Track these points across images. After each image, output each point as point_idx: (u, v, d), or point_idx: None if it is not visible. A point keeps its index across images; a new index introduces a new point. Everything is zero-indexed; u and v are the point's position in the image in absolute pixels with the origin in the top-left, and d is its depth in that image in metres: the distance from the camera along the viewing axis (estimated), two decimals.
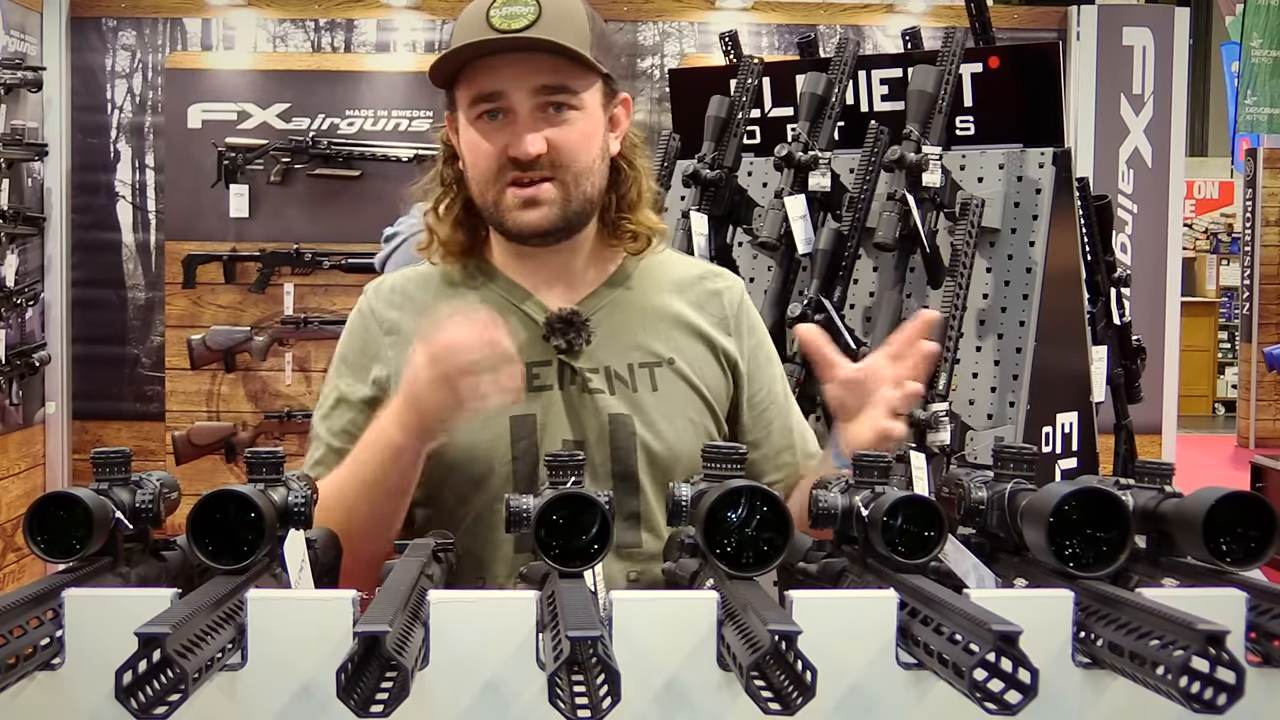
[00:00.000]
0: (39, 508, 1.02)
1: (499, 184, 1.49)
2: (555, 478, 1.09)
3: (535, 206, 1.49)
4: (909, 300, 2.78)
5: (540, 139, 1.46)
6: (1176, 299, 5.01)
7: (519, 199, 1.49)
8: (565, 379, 1.53)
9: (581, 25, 1.47)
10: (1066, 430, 2.83)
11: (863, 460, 1.14)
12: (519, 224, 1.50)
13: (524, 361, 1.50)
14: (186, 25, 4.86)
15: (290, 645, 0.95)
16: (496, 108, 1.47)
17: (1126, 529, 1.02)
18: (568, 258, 1.57)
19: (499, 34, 1.43)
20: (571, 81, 1.48)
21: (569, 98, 1.48)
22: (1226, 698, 0.81)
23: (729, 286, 1.65)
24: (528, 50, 1.44)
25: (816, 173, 2.84)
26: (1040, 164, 2.77)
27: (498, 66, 1.46)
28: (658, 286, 1.61)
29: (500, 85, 1.46)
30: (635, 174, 1.59)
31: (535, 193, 1.48)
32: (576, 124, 1.49)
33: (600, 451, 1.52)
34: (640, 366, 1.55)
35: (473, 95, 1.48)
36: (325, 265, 4.55)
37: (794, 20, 4.95)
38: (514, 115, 1.47)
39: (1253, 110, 9.29)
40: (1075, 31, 4.92)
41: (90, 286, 4.85)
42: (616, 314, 1.57)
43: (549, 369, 1.53)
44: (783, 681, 0.84)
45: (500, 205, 1.50)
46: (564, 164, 1.48)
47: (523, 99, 1.46)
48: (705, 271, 1.68)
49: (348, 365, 1.59)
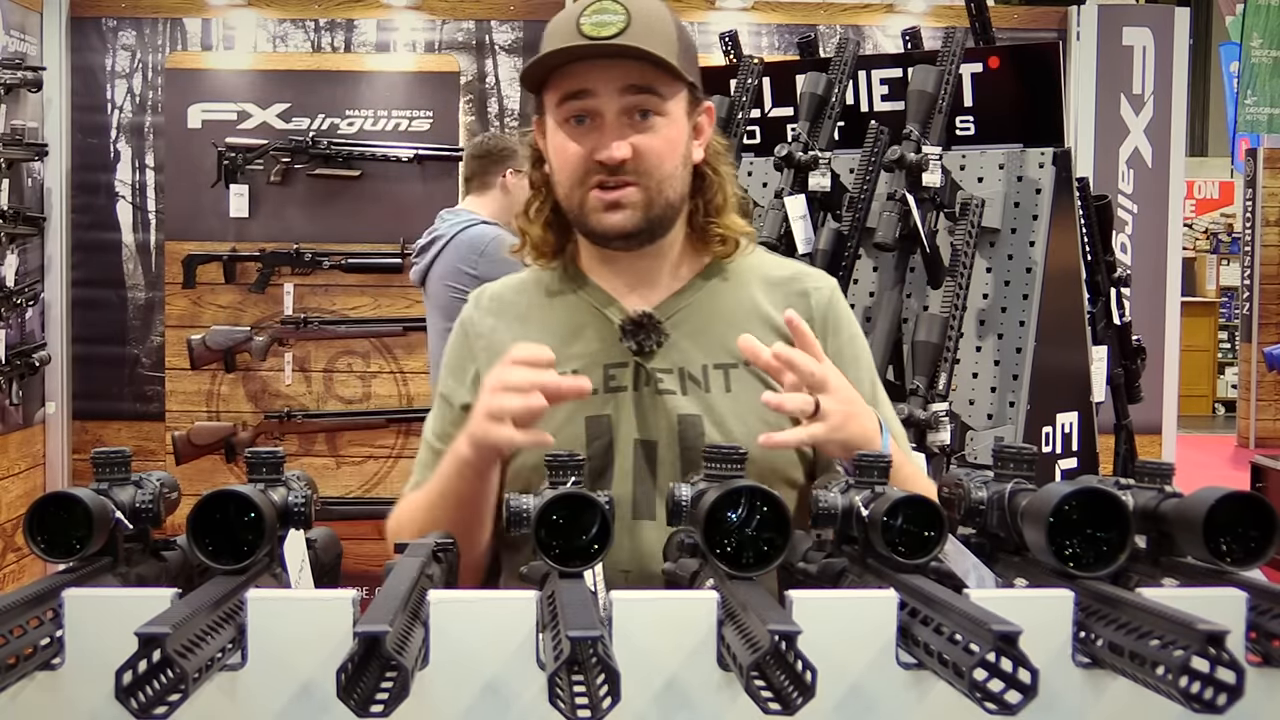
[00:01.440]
0: (39, 508, 1.02)
1: (584, 187, 1.52)
2: (555, 478, 1.09)
3: (618, 209, 1.52)
4: (909, 300, 2.78)
5: (625, 145, 1.49)
6: (1176, 299, 5.02)
7: (603, 202, 1.52)
8: (639, 380, 1.56)
9: (669, 34, 1.50)
10: (1066, 430, 2.83)
11: (863, 460, 1.14)
12: (603, 226, 1.53)
13: (602, 364, 1.56)
14: (186, 25, 4.87)
15: (290, 645, 0.95)
16: (584, 111, 1.50)
17: (1126, 529, 1.02)
18: (652, 262, 1.59)
19: (589, 40, 1.46)
20: (658, 87, 1.50)
21: (655, 103, 1.50)
22: (1226, 698, 0.81)
23: (818, 288, 1.66)
24: (616, 57, 1.47)
25: (816, 173, 2.84)
26: (1040, 164, 2.77)
27: (586, 71, 1.49)
28: (745, 288, 1.63)
29: (587, 87, 1.49)
30: (720, 179, 1.62)
31: (619, 196, 1.51)
32: (661, 131, 1.51)
33: (670, 451, 1.53)
34: (715, 368, 1.56)
35: (560, 98, 1.51)
36: (325, 265, 4.55)
37: (794, 20, 4.95)
38: (600, 119, 1.50)
39: (1253, 110, 9.29)
40: (1075, 31, 4.92)
41: (90, 286, 4.86)
42: (696, 316, 1.59)
43: (625, 370, 1.56)
44: (783, 681, 0.84)
45: (585, 207, 1.53)
46: (647, 170, 1.51)
47: (609, 103, 1.49)
48: (796, 272, 1.69)
49: (449, 370, 1.65)
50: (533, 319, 1.62)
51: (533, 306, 1.63)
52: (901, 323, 2.71)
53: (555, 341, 1.55)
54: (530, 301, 1.64)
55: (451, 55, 4.79)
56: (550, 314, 1.61)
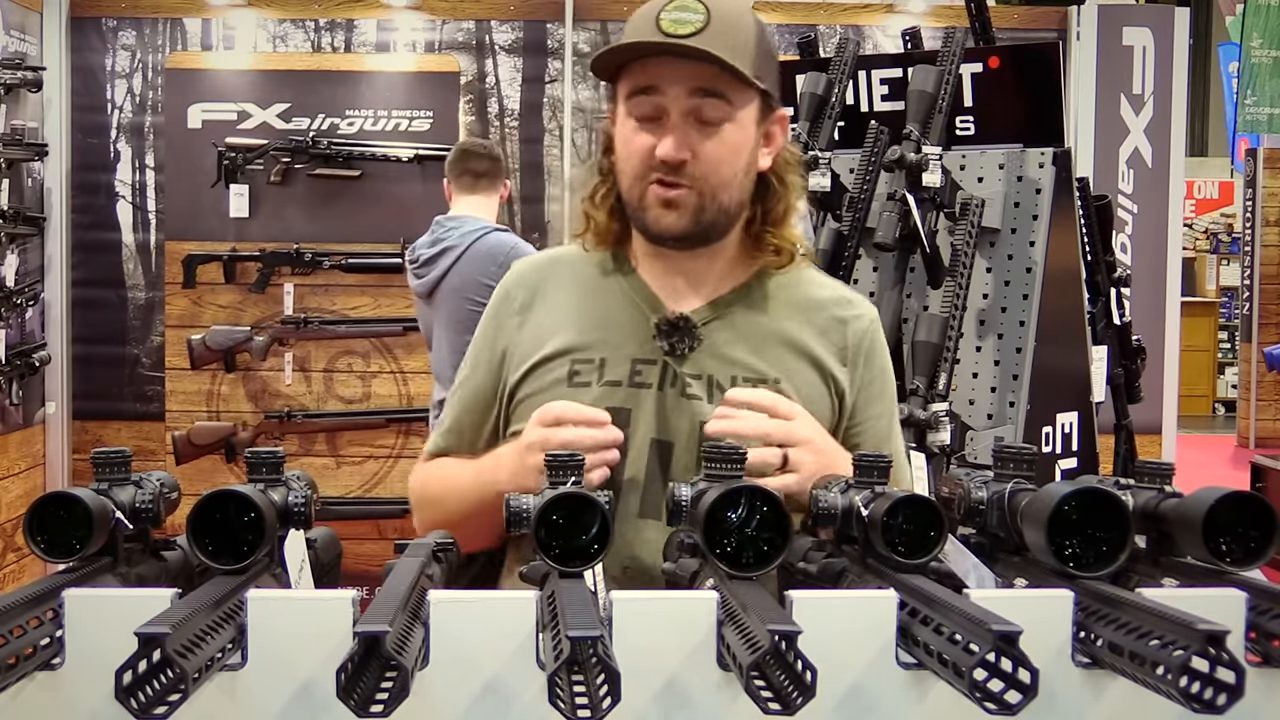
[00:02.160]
0: (39, 508, 1.02)
1: (644, 181, 1.52)
2: (555, 478, 1.09)
3: (672, 209, 1.52)
4: (909, 300, 2.78)
5: (686, 147, 1.49)
6: (1176, 299, 5.02)
7: (660, 198, 1.52)
8: (666, 380, 1.55)
9: (747, 38, 1.49)
10: (1066, 430, 2.83)
11: (863, 460, 1.14)
12: (656, 223, 1.53)
13: (631, 357, 1.56)
14: (186, 25, 4.87)
15: (290, 645, 0.95)
16: (651, 106, 1.50)
17: (1126, 529, 1.02)
18: (704, 263, 1.59)
19: (665, 37, 1.45)
20: (727, 91, 1.49)
21: (722, 107, 1.49)
22: (1226, 698, 0.81)
23: (858, 316, 1.65)
24: (687, 57, 1.46)
25: (816, 173, 2.84)
26: (1040, 164, 2.77)
27: (657, 68, 1.49)
28: (786, 306, 1.62)
29: (657, 83, 1.49)
30: (784, 190, 1.61)
31: (675, 196, 1.51)
32: (726, 136, 1.50)
33: (688, 455, 1.53)
34: (744, 381, 1.55)
35: (630, 90, 1.51)
36: (325, 265, 4.55)
37: (794, 20, 4.95)
38: (667, 116, 1.49)
39: (1253, 110, 9.29)
40: (1075, 31, 4.92)
41: (90, 286, 4.86)
42: (734, 326, 1.58)
43: (653, 368, 1.56)
44: (783, 681, 0.84)
45: (643, 201, 1.53)
46: (704, 174, 1.50)
47: (677, 100, 1.48)
48: (839, 298, 1.67)
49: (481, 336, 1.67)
50: (570, 300, 1.62)
51: (572, 283, 1.63)
52: (901, 323, 2.71)
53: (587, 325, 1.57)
54: (571, 280, 1.64)
55: (451, 55, 4.79)
56: (588, 298, 1.61)
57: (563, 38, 4.88)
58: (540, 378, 1.57)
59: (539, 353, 1.58)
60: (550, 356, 1.57)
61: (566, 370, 1.55)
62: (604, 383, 1.54)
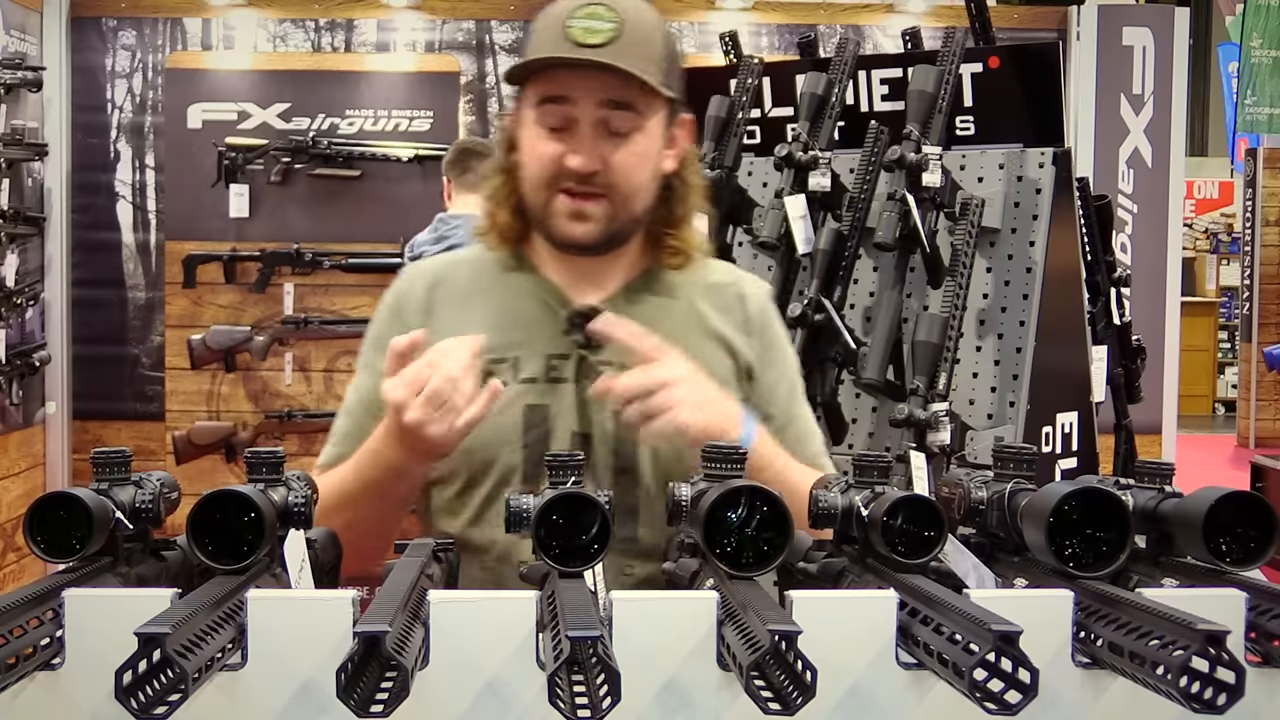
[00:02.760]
0: (39, 508, 1.02)
1: (551, 189, 1.52)
2: (555, 477, 1.09)
3: (582, 220, 1.52)
4: (909, 300, 2.78)
5: (597, 157, 1.49)
6: (1176, 299, 5.02)
7: (569, 209, 1.52)
8: (582, 373, 1.56)
9: (657, 47, 1.50)
10: (1066, 430, 2.83)
11: (863, 460, 1.14)
12: (563, 233, 1.53)
13: (544, 354, 1.55)
14: (186, 25, 4.86)
15: (290, 645, 0.95)
16: (560, 115, 1.50)
17: (1126, 529, 1.02)
18: (606, 261, 1.60)
19: (576, 46, 1.45)
20: (637, 102, 1.50)
21: (632, 119, 1.50)
22: (1226, 698, 0.81)
23: (754, 293, 1.68)
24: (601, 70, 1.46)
25: (816, 173, 2.84)
26: (1040, 164, 2.77)
27: (568, 78, 1.49)
28: (689, 290, 1.64)
29: (567, 93, 1.49)
30: (685, 191, 1.62)
31: (584, 207, 1.51)
32: (635, 144, 1.51)
33: (604, 445, 1.54)
34: None
35: (539, 97, 1.51)
36: (325, 265, 4.55)
37: (794, 20, 4.95)
38: (576, 125, 1.49)
39: (1252, 110, 9.29)
40: (1075, 31, 4.92)
41: (90, 286, 4.85)
42: (640, 315, 1.59)
43: (567, 362, 1.56)
44: (783, 681, 0.84)
45: (549, 210, 1.53)
46: (615, 183, 1.51)
47: (587, 111, 1.48)
48: (735, 278, 1.70)
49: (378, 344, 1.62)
50: (475, 301, 1.60)
51: (475, 288, 1.61)
52: (901, 323, 2.71)
53: (497, 326, 1.55)
54: (473, 282, 1.62)
55: (451, 55, 4.79)
56: (494, 298, 1.60)
57: None
58: None
59: None
60: None
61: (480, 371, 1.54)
62: (520, 380, 1.54)
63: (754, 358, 1.63)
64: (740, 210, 3.01)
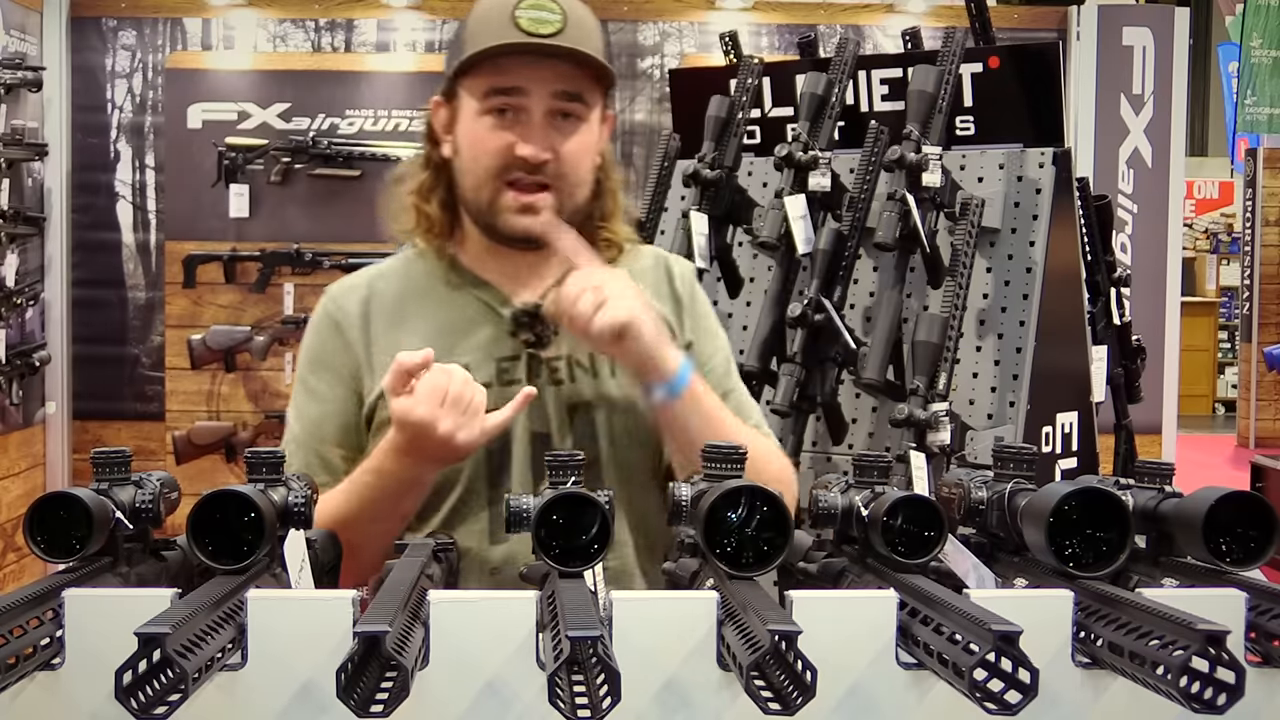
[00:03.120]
0: (39, 508, 1.02)
1: (497, 181, 1.51)
2: (555, 477, 1.09)
3: (531, 213, 1.51)
4: (909, 300, 2.78)
5: (548, 147, 1.49)
6: (1176, 299, 5.01)
7: (517, 203, 1.51)
8: (533, 372, 1.56)
9: (599, 37, 1.51)
10: (1066, 430, 2.83)
11: (863, 460, 1.14)
12: (512, 226, 1.52)
13: (494, 358, 1.55)
14: (186, 25, 4.86)
15: (290, 645, 0.95)
16: (510, 105, 1.49)
17: (1126, 529, 1.02)
18: (541, 257, 1.59)
19: (528, 36, 1.45)
20: (586, 92, 1.51)
21: (580, 108, 1.51)
22: (1226, 698, 0.81)
23: (681, 270, 1.70)
24: (555, 56, 1.47)
25: (816, 173, 2.84)
26: (1040, 164, 2.77)
27: (520, 68, 1.48)
28: None
29: (521, 83, 1.48)
30: (611, 185, 1.63)
31: (533, 199, 1.51)
32: (582, 135, 1.52)
33: (563, 442, 1.54)
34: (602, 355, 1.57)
35: (487, 88, 1.50)
36: (325, 265, 4.55)
37: (794, 20, 4.95)
38: (527, 115, 1.49)
39: (1252, 110, 9.29)
40: (1075, 31, 4.92)
41: (90, 286, 4.85)
42: None
43: (518, 363, 1.56)
44: (783, 681, 0.84)
45: (495, 204, 1.52)
46: (564, 174, 1.51)
47: (539, 102, 1.49)
48: (656, 259, 1.71)
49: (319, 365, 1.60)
50: (411, 310, 1.58)
51: (405, 297, 1.60)
52: (901, 323, 2.71)
53: (439, 333, 1.55)
54: (405, 291, 1.61)
55: None
56: (428, 304, 1.59)
57: None
58: None
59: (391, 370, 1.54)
60: None
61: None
62: None
63: (688, 332, 1.64)
64: (740, 210, 3.01)
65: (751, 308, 3.00)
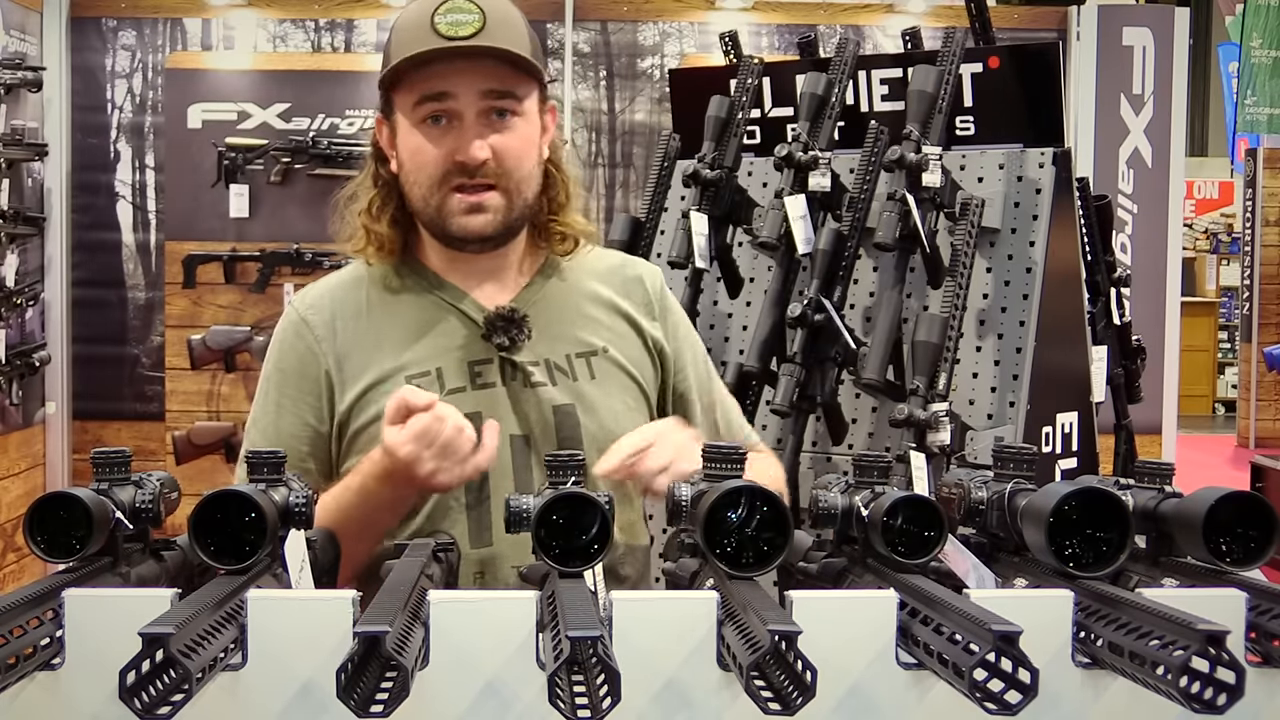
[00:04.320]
0: (39, 508, 1.02)
1: (443, 189, 1.52)
2: (555, 477, 1.10)
3: (480, 213, 1.52)
4: (909, 300, 2.78)
5: (485, 145, 1.49)
6: (1176, 299, 5.01)
7: (464, 205, 1.52)
8: (507, 375, 1.56)
9: (523, 31, 1.51)
10: (1066, 430, 2.83)
11: (863, 460, 1.14)
12: (463, 229, 1.53)
13: (465, 361, 1.55)
14: (186, 25, 4.86)
15: (290, 645, 0.95)
16: (441, 111, 1.50)
17: (1126, 529, 1.02)
18: (501, 260, 1.60)
19: (447, 40, 1.45)
20: (516, 88, 1.51)
21: (513, 104, 1.51)
22: (1226, 698, 0.82)
23: (650, 274, 1.70)
24: (477, 57, 1.47)
25: (816, 173, 2.84)
26: (1040, 164, 2.77)
27: (445, 73, 1.48)
28: (587, 276, 1.65)
29: (447, 89, 1.49)
30: (563, 177, 1.63)
31: (480, 199, 1.52)
32: (519, 130, 1.52)
33: (546, 443, 1.54)
34: (578, 356, 1.58)
35: (416, 99, 1.51)
36: (325, 265, 4.54)
37: (794, 20, 4.95)
38: (460, 120, 1.50)
39: (1252, 110, 9.28)
40: (1075, 31, 4.92)
41: (90, 286, 4.85)
42: (550, 307, 1.60)
43: (491, 366, 1.56)
44: (783, 681, 0.84)
45: (444, 210, 1.53)
46: (507, 170, 1.52)
47: (469, 104, 1.49)
48: (624, 260, 1.72)
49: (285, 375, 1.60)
50: (376, 317, 1.59)
51: (371, 305, 1.60)
52: (901, 323, 2.71)
53: (407, 340, 1.55)
54: (367, 300, 1.61)
55: None
56: (395, 311, 1.59)
57: (563, 38, 4.88)
58: (376, 402, 1.52)
59: (363, 379, 1.54)
60: (380, 380, 1.53)
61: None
62: (448, 392, 1.52)
63: (662, 338, 1.65)
64: (740, 210, 3.01)
65: (751, 308, 3.00)
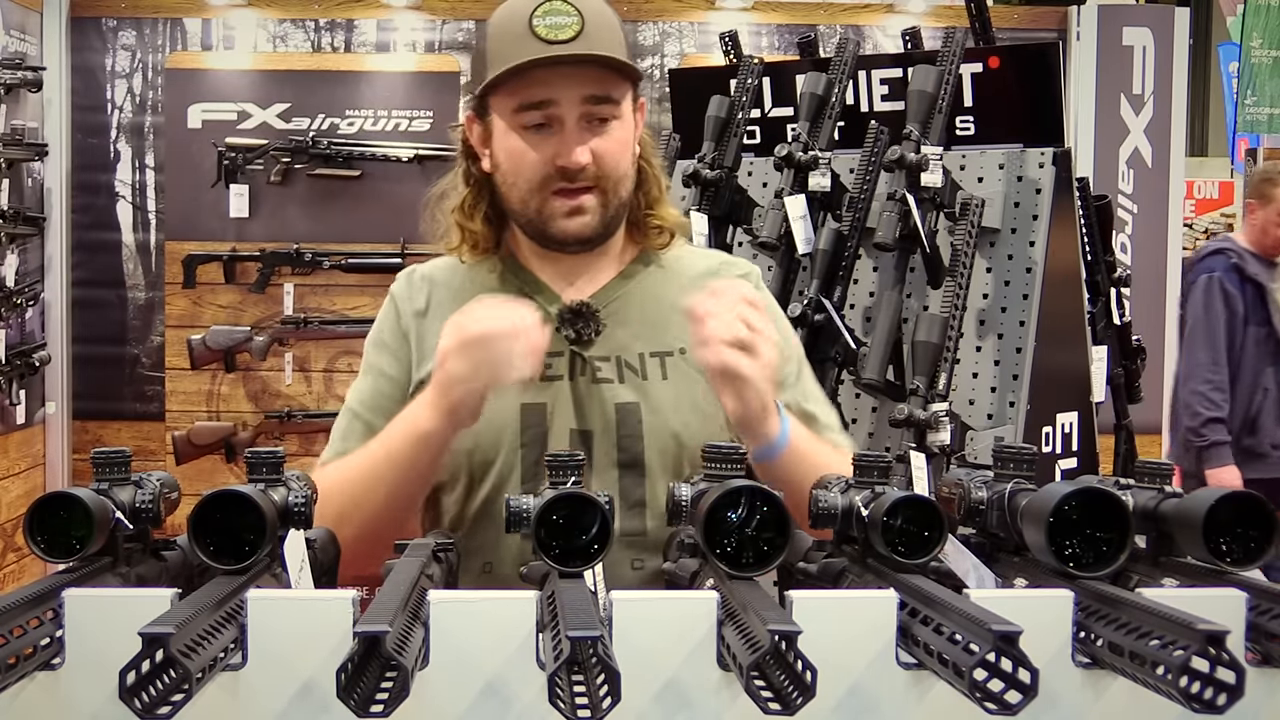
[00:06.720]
0: (39, 508, 1.02)
1: (544, 192, 1.53)
2: (555, 477, 1.10)
3: (580, 215, 1.53)
4: (909, 300, 2.78)
5: (587, 150, 1.50)
6: (1177, 299, 5.01)
7: (565, 208, 1.53)
8: (576, 369, 1.57)
9: (619, 32, 1.52)
10: (1066, 430, 2.83)
11: (863, 460, 1.14)
12: (564, 232, 1.54)
13: None
14: (186, 25, 4.86)
15: (290, 645, 0.95)
16: (543, 117, 1.50)
17: (1126, 529, 1.02)
18: (596, 256, 1.61)
19: (547, 44, 1.45)
20: (614, 91, 1.52)
21: (612, 108, 1.52)
22: (1226, 698, 0.81)
23: (745, 274, 1.69)
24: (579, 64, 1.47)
25: (816, 173, 2.84)
26: (1040, 164, 2.77)
27: (547, 79, 1.48)
28: (676, 278, 1.64)
29: (550, 95, 1.49)
30: (654, 171, 1.64)
31: (580, 202, 1.53)
32: (616, 133, 1.53)
33: (606, 440, 1.54)
34: (651, 356, 1.58)
35: (516, 104, 1.51)
36: (325, 265, 4.54)
37: (794, 20, 4.95)
38: (560, 125, 1.50)
39: (1252, 110, 9.28)
40: (1075, 31, 4.91)
41: (90, 286, 4.85)
42: (631, 305, 1.61)
43: (561, 359, 1.57)
44: (783, 681, 0.84)
45: (544, 213, 1.54)
46: (606, 173, 1.52)
47: (571, 110, 1.49)
48: (721, 263, 1.72)
49: (380, 346, 1.65)
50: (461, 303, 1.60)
51: (466, 289, 1.62)
52: (901, 323, 2.71)
53: None
54: (464, 284, 1.63)
55: (451, 55, 4.79)
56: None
57: None
58: None
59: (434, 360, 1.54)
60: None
61: None
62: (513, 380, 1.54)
63: None
64: (740, 210, 3.01)
65: None
